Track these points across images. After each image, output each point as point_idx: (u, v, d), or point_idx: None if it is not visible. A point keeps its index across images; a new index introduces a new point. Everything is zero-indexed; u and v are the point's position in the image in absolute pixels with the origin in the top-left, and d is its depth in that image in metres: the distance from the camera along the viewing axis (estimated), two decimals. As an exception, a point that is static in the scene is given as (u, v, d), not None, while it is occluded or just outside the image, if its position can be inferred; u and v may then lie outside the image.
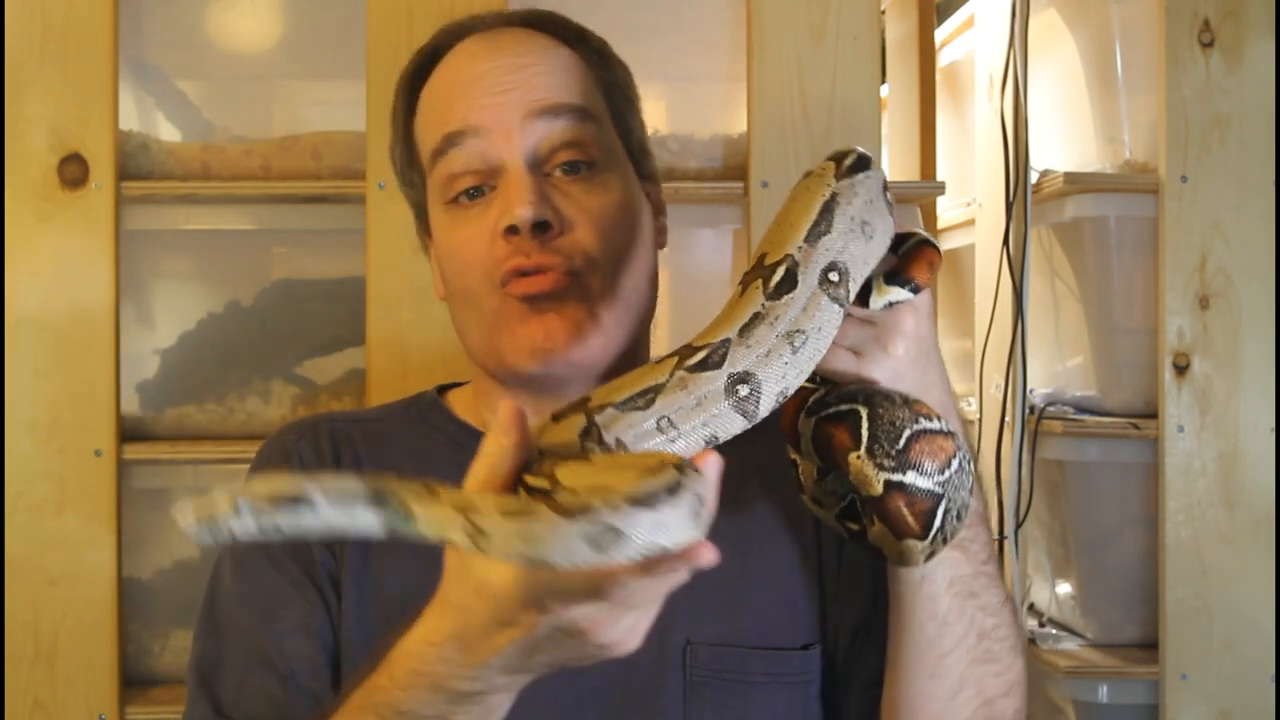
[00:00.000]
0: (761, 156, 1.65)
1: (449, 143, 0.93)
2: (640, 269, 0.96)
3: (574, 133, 0.93)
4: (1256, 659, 1.74)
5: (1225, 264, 1.76)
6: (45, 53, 1.62)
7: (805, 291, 0.72)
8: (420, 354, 1.61)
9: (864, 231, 0.74)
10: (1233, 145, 1.75)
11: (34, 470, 1.61)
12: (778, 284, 0.72)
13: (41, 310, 1.62)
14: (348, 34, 1.66)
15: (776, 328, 0.72)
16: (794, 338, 0.72)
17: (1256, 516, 1.76)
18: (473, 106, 0.93)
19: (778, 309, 0.72)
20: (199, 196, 1.69)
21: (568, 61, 0.97)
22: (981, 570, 0.80)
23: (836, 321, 0.73)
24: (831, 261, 0.72)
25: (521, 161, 0.91)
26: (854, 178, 0.75)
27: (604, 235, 0.92)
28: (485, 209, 0.92)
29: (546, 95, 0.93)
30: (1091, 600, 1.91)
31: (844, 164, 0.75)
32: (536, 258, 0.89)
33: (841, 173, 0.75)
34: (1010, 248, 1.89)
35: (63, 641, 1.61)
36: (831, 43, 1.65)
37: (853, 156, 0.76)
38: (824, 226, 0.73)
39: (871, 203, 0.75)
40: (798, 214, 0.74)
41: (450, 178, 0.94)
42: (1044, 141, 2.00)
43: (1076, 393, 1.92)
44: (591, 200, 0.92)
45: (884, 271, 0.76)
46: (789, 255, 0.72)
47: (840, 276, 0.73)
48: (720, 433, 0.72)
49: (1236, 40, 1.75)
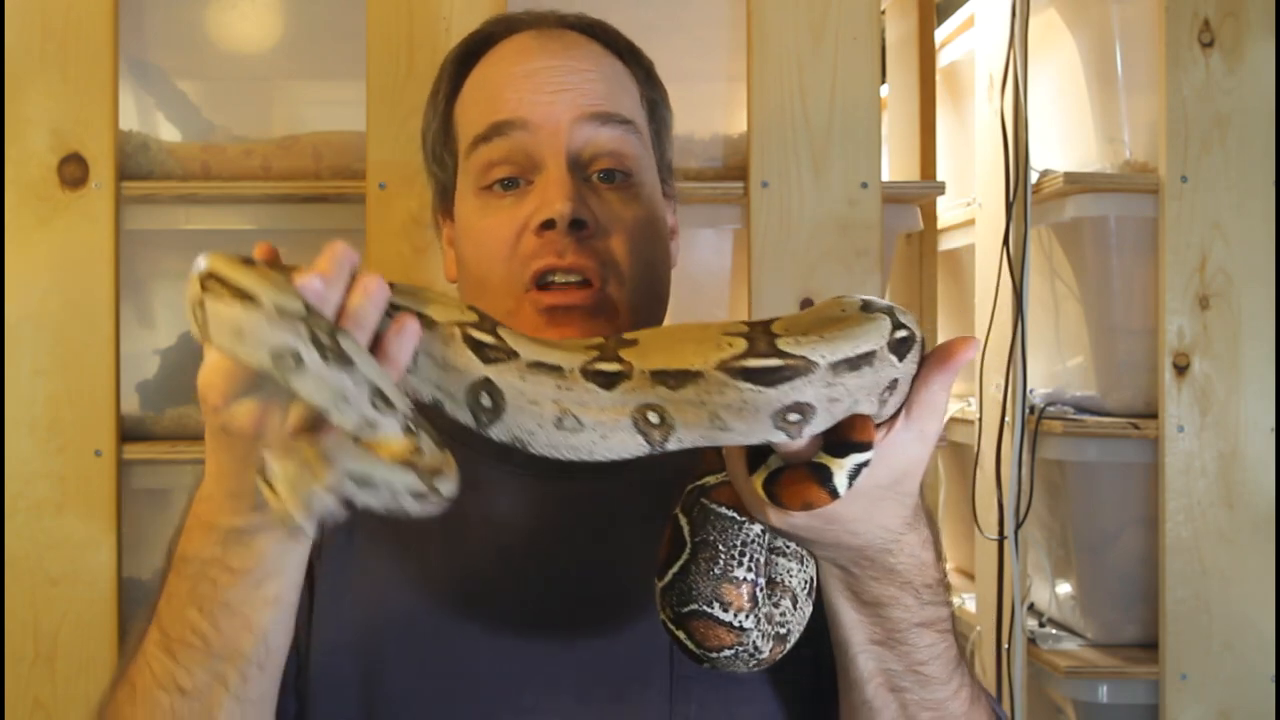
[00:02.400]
0: (761, 156, 1.65)
1: (495, 130, 0.93)
2: (659, 287, 0.97)
3: (618, 143, 0.94)
4: (1256, 659, 1.75)
5: (1225, 264, 1.76)
6: (45, 53, 1.62)
7: (890, 372, 0.67)
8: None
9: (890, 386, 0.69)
10: (1233, 145, 1.75)
11: (34, 470, 1.61)
12: (899, 342, 0.68)
13: (41, 310, 1.61)
14: (348, 34, 1.66)
15: (866, 379, 0.67)
16: (853, 406, 0.67)
17: (1256, 516, 1.76)
18: (524, 100, 0.93)
19: (883, 361, 0.67)
20: (199, 196, 1.69)
21: (619, 73, 0.98)
22: (915, 669, 0.78)
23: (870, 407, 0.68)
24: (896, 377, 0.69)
25: (565, 161, 0.92)
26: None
27: (634, 248, 0.93)
28: (517, 202, 0.93)
29: (598, 102, 0.94)
30: (1091, 600, 1.91)
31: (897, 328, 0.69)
32: (571, 258, 0.89)
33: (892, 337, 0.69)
34: (1010, 248, 1.89)
35: (63, 641, 1.61)
36: (831, 43, 1.65)
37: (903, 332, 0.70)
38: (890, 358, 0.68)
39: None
40: None
41: (489, 165, 0.94)
42: (1044, 141, 2.00)
43: (1076, 393, 1.92)
44: (626, 211, 0.93)
45: (780, 465, 0.69)
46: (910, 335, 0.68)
47: (889, 392, 0.68)
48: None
49: (1236, 40, 1.75)
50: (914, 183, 2.10)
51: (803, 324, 0.67)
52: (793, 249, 1.64)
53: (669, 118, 1.04)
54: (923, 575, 0.76)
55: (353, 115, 1.66)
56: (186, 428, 1.71)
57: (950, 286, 2.36)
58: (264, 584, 0.72)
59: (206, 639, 0.74)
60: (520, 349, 0.68)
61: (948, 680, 0.79)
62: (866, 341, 0.66)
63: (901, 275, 2.20)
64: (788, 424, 0.65)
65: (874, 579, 0.75)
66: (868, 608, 0.77)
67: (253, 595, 0.72)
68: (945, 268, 2.32)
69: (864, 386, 0.66)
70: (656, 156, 1.00)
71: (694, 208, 1.70)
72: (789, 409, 0.65)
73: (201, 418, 0.70)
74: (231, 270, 0.62)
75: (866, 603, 0.76)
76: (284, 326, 0.60)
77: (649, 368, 0.66)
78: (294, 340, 0.60)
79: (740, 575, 0.74)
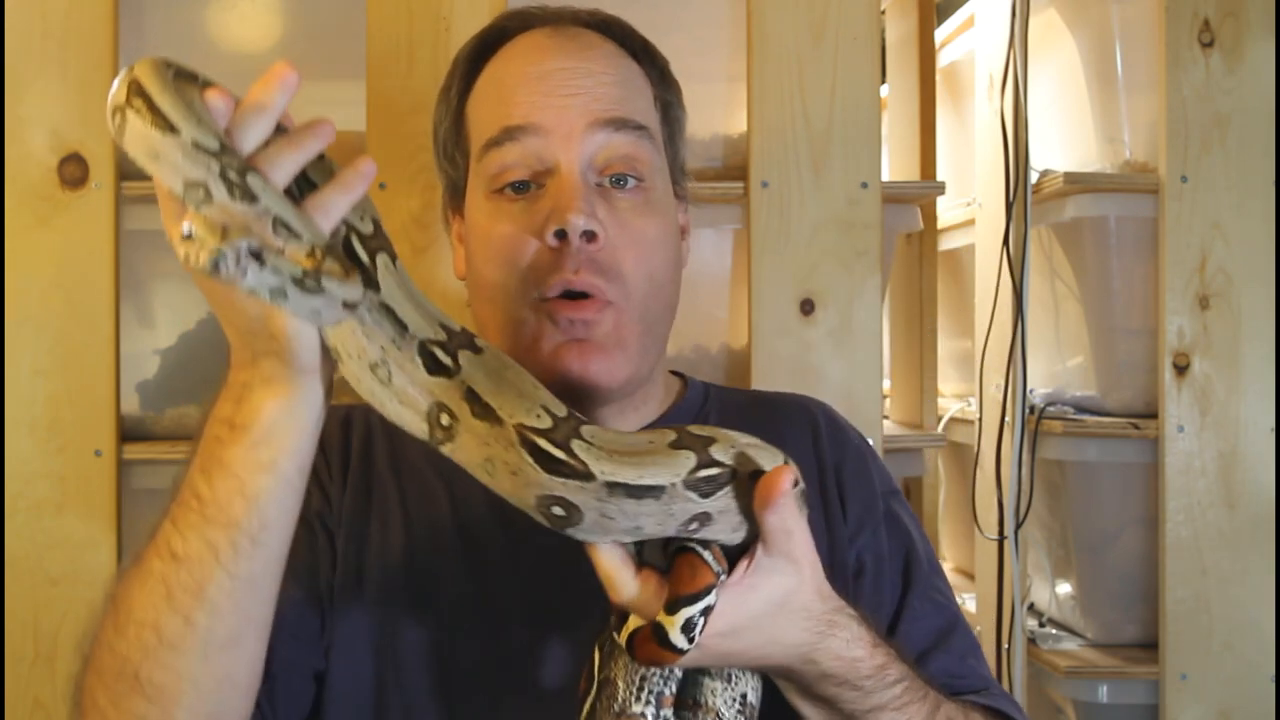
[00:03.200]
0: (761, 156, 1.65)
1: (507, 135, 0.93)
2: (669, 293, 0.97)
3: (632, 149, 0.93)
4: (1256, 659, 1.75)
5: (1225, 264, 1.76)
6: (45, 53, 1.62)
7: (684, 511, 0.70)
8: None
9: (736, 525, 0.73)
10: (1233, 145, 1.75)
11: (34, 470, 1.61)
12: (703, 479, 0.70)
13: (41, 310, 1.61)
14: (348, 34, 1.66)
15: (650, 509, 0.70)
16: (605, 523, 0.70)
17: (1256, 516, 1.76)
18: (536, 104, 0.92)
19: (674, 495, 0.70)
20: (199, 196, 1.69)
21: (634, 75, 0.98)
22: None
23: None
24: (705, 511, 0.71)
25: (577, 167, 0.91)
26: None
27: (642, 259, 0.92)
28: (530, 206, 0.92)
29: (612, 107, 0.93)
30: (1091, 600, 1.91)
31: (788, 469, 0.72)
32: (584, 274, 0.89)
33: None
34: (1010, 248, 1.89)
35: (63, 641, 1.61)
36: (831, 43, 1.65)
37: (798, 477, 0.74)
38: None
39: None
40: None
41: (500, 169, 0.93)
42: (1044, 141, 2.00)
43: (1076, 393, 1.92)
44: (637, 219, 0.93)
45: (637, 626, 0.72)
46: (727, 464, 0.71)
47: (698, 527, 0.72)
48: None
49: (1236, 40, 1.75)
50: (914, 183, 2.10)
51: (606, 437, 0.70)
52: (793, 249, 1.64)
53: (682, 118, 1.03)
54: (856, 671, 0.77)
55: (353, 115, 1.65)
56: (186, 428, 1.71)
57: (950, 286, 2.36)
58: (260, 446, 0.72)
59: (202, 499, 0.73)
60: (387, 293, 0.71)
61: None
62: (654, 476, 0.68)
63: (901, 275, 2.20)
64: (550, 514, 0.69)
65: (811, 684, 0.77)
66: (820, 701, 0.79)
67: (249, 456, 0.72)
68: (945, 268, 2.32)
69: (649, 514, 0.68)
70: (669, 158, 0.99)
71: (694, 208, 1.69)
72: (554, 500, 0.68)
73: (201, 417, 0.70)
74: (159, 93, 0.65)
75: (816, 698, 0.79)
76: (197, 161, 0.64)
77: (468, 382, 0.70)
78: (204, 175, 0.64)
79: (638, 711, 0.75)
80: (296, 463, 0.73)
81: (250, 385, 0.72)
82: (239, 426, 0.72)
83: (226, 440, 0.72)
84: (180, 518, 0.75)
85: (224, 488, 0.73)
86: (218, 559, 0.73)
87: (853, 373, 1.64)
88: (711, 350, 1.75)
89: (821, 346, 1.64)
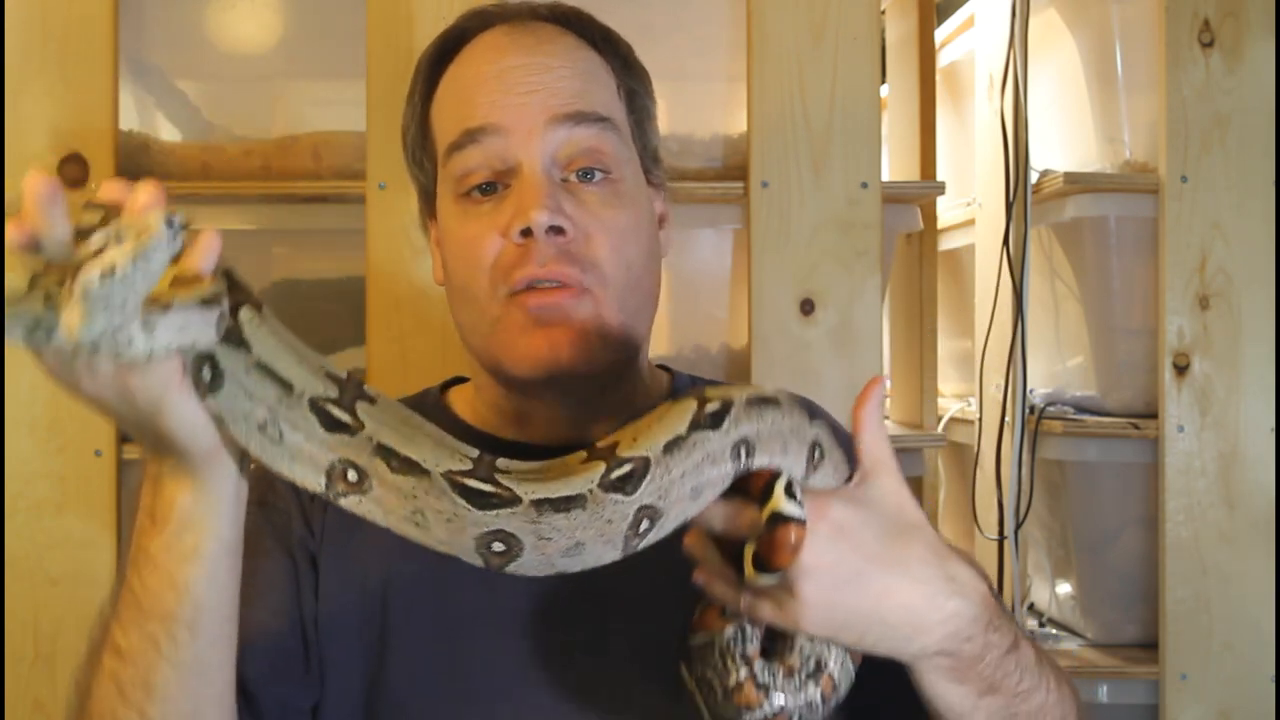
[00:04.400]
0: (761, 156, 1.65)
1: (468, 138, 0.92)
2: (647, 282, 0.96)
3: (595, 141, 0.92)
4: (1256, 659, 1.74)
5: (1225, 264, 1.76)
6: (45, 53, 1.62)
7: (625, 510, 0.70)
8: (420, 354, 1.61)
9: (691, 491, 0.72)
10: (1233, 145, 1.75)
11: (34, 470, 1.61)
12: (617, 480, 0.70)
13: (41, 310, 1.61)
14: (348, 34, 1.66)
15: (577, 521, 0.69)
16: (575, 549, 0.70)
17: (1256, 516, 1.76)
18: (495, 104, 0.92)
19: (597, 503, 0.69)
20: (199, 196, 1.69)
21: (594, 66, 0.96)
22: (1017, 693, 0.78)
23: (613, 554, 0.71)
24: (651, 504, 0.70)
25: (539, 165, 0.90)
26: (705, 433, 0.72)
27: (616, 249, 0.91)
28: (497, 207, 0.91)
29: (572, 101, 0.92)
30: (1091, 600, 1.91)
31: (705, 408, 0.72)
32: (551, 266, 0.88)
33: (700, 414, 0.72)
34: (1010, 248, 1.89)
35: (63, 641, 1.61)
36: (831, 43, 1.65)
37: (715, 405, 0.73)
38: (667, 457, 0.71)
39: (712, 460, 0.72)
40: (659, 425, 0.72)
41: (464, 172, 0.93)
42: (1044, 141, 2.00)
43: (1076, 393, 1.92)
44: (606, 211, 0.92)
45: (753, 553, 0.72)
46: (645, 459, 0.70)
47: (648, 525, 0.71)
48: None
49: (1236, 40, 1.75)
50: (914, 183, 2.10)
51: (522, 466, 0.70)
52: (793, 249, 1.64)
53: (651, 105, 1.01)
54: (991, 603, 0.77)
55: (353, 115, 1.65)
56: (186, 428, 1.71)
57: (950, 286, 2.36)
58: (182, 534, 0.71)
59: (136, 593, 0.73)
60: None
61: (1038, 684, 0.79)
62: (571, 486, 0.68)
63: (901, 275, 2.20)
64: (491, 553, 0.69)
65: (966, 640, 0.75)
66: (970, 671, 0.76)
67: (172, 546, 0.71)
68: (945, 268, 2.32)
69: (583, 527, 0.69)
70: (639, 147, 0.98)
71: (694, 208, 1.70)
72: (493, 536, 0.68)
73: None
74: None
75: (968, 667, 0.76)
76: (20, 314, 0.59)
77: (377, 438, 0.68)
78: (34, 319, 0.59)
79: (735, 681, 0.76)
80: (222, 544, 0.73)
81: (160, 477, 0.71)
82: (158, 519, 0.72)
83: (149, 531, 0.72)
84: (121, 612, 0.75)
85: (154, 580, 0.72)
86: (159, 650, 0.73)
87: (853, 373, 1.64)
88: (711, 350, 1.75)
89: (821, 346, 1.64)
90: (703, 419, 0.72)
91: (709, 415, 0.72)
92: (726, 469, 0.72)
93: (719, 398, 0.73)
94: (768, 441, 0.74)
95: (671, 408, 0.73)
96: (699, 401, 0.73)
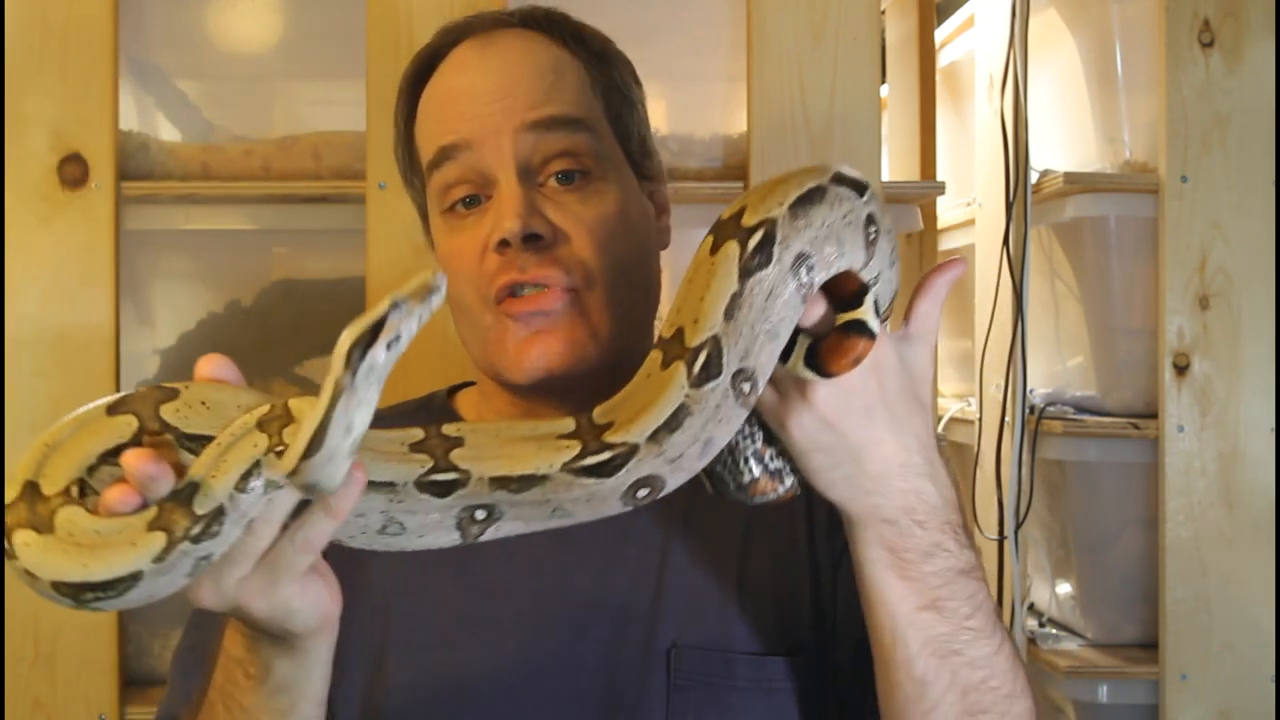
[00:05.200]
0: (761, 156, 1.65)
1: (443, 155, 0.93)
2: (641, 277, 0.95)
3: (567, 143, 0.92)
4: (1256, 659, 1.74)
5: (1225, 264, 1.76)
6: (45, 53, 1.62)
7: (723, 387, 0.67)
8: (420, 355, 1.61)
9: (768, 334, 0.69)
10: (1233, 145, 1.75)
11: (34, 470, 1.61)
12: (700, 370, 0.67)
13: (41, 310, 1.61)
14: (348, 34, 1.66)
15: (692, 429, 0.67)
16: (706, 445, 0.68)
17: (1256, 516, 1.76)
18: (464, 118, 0.92)
19: (699, 401, 0.67)
20: (199, 196, 1.69)
21: (562, 66, 0.96)
22: (964, 627, 0.77)
23: (739, 424, 0.70)
24: (741, 368, 0.68)
25: (514, 174, 0.91)
26: (759, 274, 0.68)
27: (601, 247, 0.91)
28: (480, 219, 0.92)
29: (539, 107, 0.92)
30: (1091, 600, 1.91)
31: (749, 245, 0.68)
32: (534, 271, 0.89)
33: (748, 259, 0.67)
34: (1010, 248, 1.89)
35: (63, 641, 1.61)
36: (831, 43, 1.65)
37: (758, 235, 0.68)
38: (732, 321, 0.67)
39: (776, 294, 0.68)
40: (711, 294, 0.68)
41: (445, 188, 0.94)
42: (1044, 141, 2.00)
43: (1076, 393, 1.92)
44: (587, 211, 0.92)
45: (809, 342, 0.71)
46: (714, 337, 0.67)
47: (750, 385, 0.68)
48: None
49: (1236, 40, 1.75)
50: (914, 183, 2.10)
51: (615, 404, 0.69)
52: (793, 249, 1.64)
53: (634, 94, 1.00)
54: (956, 513, 0.77)
55: (353, 115, 1.65)
56: (186, 428, 1.71)
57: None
58: (278, 695, 0.73)
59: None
60: None
61: (992, 633, 0.78)
62: (669, 404, 0.67)
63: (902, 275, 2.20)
64: (638, 499, 0.68)
65: (919, 524, 0.76)
66: (913, 568, 0.76)
67: (268, 704, 0.73)
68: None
69: (691, 433, 0.67)
70: (620, 141, 0.97)
71: (694, 208, 1.70)
72: (636, 486, 0.67)
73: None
74: (94, 573, 0.59)
75: (911, 561, 0.76)
76: (167, 569, 0.60)
77: (488, 474, 0.67)
78: (189, 567, 0.60)
79: (749, 478, 0.77)
80: (317, 703, 0.74)
81: (257, 639, 0.72)
82: (253, 677, 0.73)
83: (242, 685, 0.73)
84: None
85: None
86: None
87: (853, 373, 1.63)
88: (711, 350, 1.75)
89: (821, 346, 1.64)
90: (749, 263, 0.67)
91: (754, 251, 0.67)
92: (793, 295, 0.69)
93: (759, 221, 0.68)
94: (823, 244, 0.69)
95: (710, 267, 0.69)
96: (738, 243, 0.68)
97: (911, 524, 0.75)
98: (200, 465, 0.61)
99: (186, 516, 0.59)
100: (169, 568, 0.59)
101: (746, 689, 0.88)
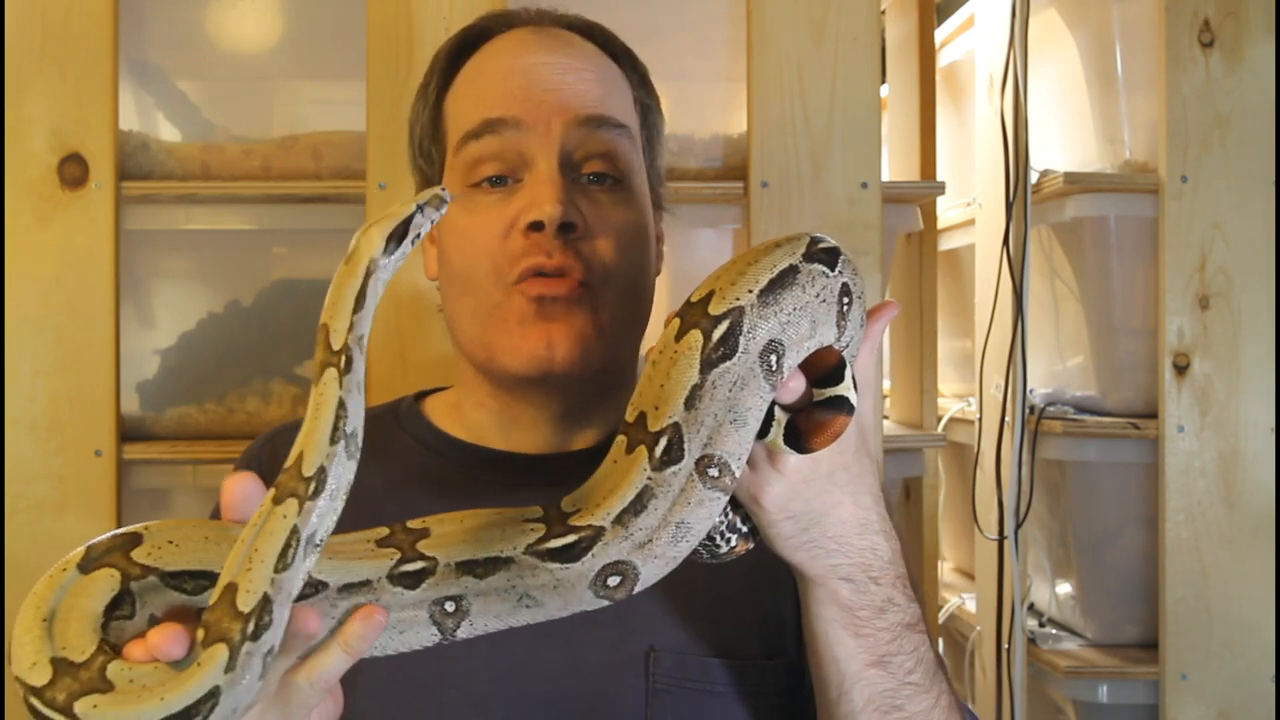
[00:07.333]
0: (761, 156, 1.65)
1: (487, 127, 0.92)
2: (643, 291, 0.96)
3: (610, 145, 0.93)
4: (1256, 659, 1.75)
5: (1225, 264, 1.76)
6: (45, 53, 1.62)
7: (686, 471, 0.65)
8: (420, 355, 1.61)
9: (734, 422, 0.66)
10: (1233, 145, 1.75)
11: (34, 470, 1.61)
12: (662, 455, 0.65)
13: (41, 310, 1.61)
14: (348, 34, 1.66)
15: (659, 511, 0.65)
16: (679, 529, 0.66)
17: (1256, 516, 1.76)
18: (518, 97, 0.92)
19: (661, 485, 0.65)
20: (199, 196, 1.69)
21: (615, 76, 0.98)
22: (907, 682, 0.78)
23: (717, 509, 0.68)
24: (705, 454, 0.66)
25: (556, 162, 0.91)
26: (721, 366, 0.65)
27: (622, 250, 0.92)
28: (505, 199, 0.92)
29: (593, 105, 0.93)
30: (1091, 600, 1.91)
31: (713, 337, 0.65)
32: (559, 258, 0.89)
33: (711, 350, 0.65)
34: (1010, 248, 1.89)
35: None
36: (831, 43, 1.65)
37: (723, 327, 0.65)
38: (693, 411, 0.65)
39: (742, 384, 0.66)
40: (671, 383, 0.66)
41: (477, 161, 0.93)
42: (1044, 141, 2.00)
43: (1076, 393, 1.92)
44: (615, 213, 0.93)
45: (788, 420, 0.69)
46: (674, 424, 0.65)
47: (719, 470, 0.66)
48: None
49: (1236, 40, 1.75)
50: (914, 183, 2.10)
51: (582, 493, 0.67)
52: (793, 249, 1.64)
53: (660, 124, 1.03)
54: (903, 565, 0.77)
55: (353, 115, 1.66)
56: (186, 428, 1.71)
57: (950, 286, 2.36)
58: None
59: None
60: (327, 576, 0.65)
61: (930, 686, 0.79)
62: (633, 487, 0.65)
63: (901, 275, 2.20)
64: (610, 588, 0.66)
65: (873, 580, 0.76)
66: (866, 625, 0.77)
67: None
68: (945, 268, 2.32)
69: (658, 515, 0.66)
70: (646, 163, 0.99)
71: (694, 208, 1.70)
72: (605, 573, 0.66)
73: (201, 417, 0.69)
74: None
75: (865, 618, 0.76)
76: (240, 676, 0.58)
77: (454, 559, 0.66)
78: (259, 667, 0.59)
79: (726, 550, 0.75)
80: None
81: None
82: None
83: None
84: None
85: None
86: None
87: (853, 373, 1.63)
88: (711, 350, 1.75)
89: (821, 346, 1.64)
90: (712, 354, 0.65)
91: (718, 343, 0.65)
92: (761, 383, 0.66)
93: (725, 311, 0.65)
94: (795, 326, 0.67)
95: (674, 354, 0.66)
96: (701, 333, 0.65)
97: (867, 580, 0.76)
98: (231, 564, 0.59)
99: (237, 619, 0.58)
100: (241, 674, 0.58)
101: (724, 693, 0.88)
